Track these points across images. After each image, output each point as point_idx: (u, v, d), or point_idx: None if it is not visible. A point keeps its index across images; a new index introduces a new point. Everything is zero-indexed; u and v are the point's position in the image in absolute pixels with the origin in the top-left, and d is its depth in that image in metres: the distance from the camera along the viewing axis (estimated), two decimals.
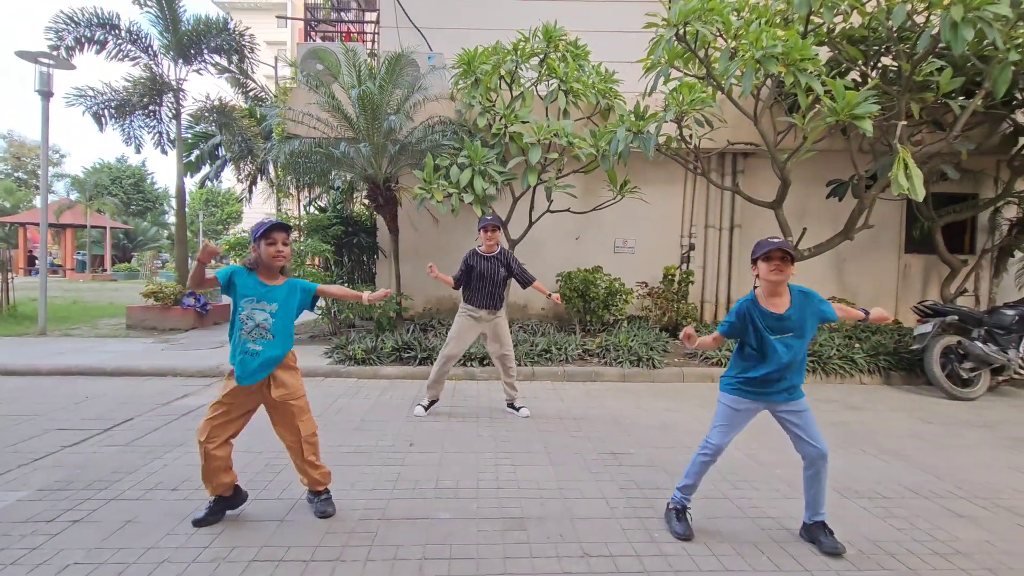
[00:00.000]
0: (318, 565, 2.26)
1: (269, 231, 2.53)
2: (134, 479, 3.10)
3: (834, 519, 2.80)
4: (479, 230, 4.40)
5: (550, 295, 4.42)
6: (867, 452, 3.91)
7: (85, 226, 25.93)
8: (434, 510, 2.80)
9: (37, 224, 27.16)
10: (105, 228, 27.53)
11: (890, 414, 5.01)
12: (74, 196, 27.36)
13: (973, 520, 2.87)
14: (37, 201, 39.03)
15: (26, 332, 8.04)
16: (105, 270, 26.98)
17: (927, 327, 5.95)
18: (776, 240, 2.34)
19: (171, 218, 39.43)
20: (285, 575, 2.20)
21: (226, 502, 2.64)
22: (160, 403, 4.73)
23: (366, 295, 2.79)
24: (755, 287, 2.47)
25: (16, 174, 41.17)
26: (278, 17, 20.22)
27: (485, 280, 4.35)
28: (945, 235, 7.73)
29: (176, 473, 3.18)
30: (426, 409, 4.51)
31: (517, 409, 4.59)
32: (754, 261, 2.40)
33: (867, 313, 2.48)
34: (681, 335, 2.47)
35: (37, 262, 26.76)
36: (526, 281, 4.52)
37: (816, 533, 2.50)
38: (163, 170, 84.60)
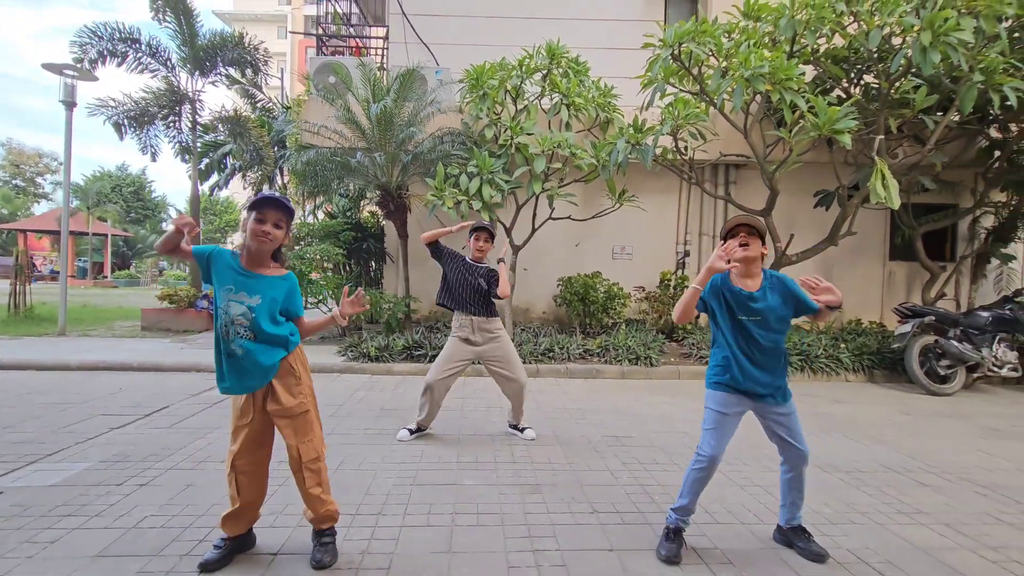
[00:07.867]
0: (363, 518, 2.59)
1: (261, 204, 2.05)
2: (184, 454, 3.42)
3: (813, 488, 3.14)
4: (471, 235, 3.83)
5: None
6: (848, 437, 4.27)
7: (87, 233, 26.16)
8: (459, 479, 3.13)
9: (38, 231, 27.56)
10: (106, 235, 27.82)
11: (872, 407, 5.38)
12: (75, 203, 27.61)
13: (937, 489, 3.23)
14: (35, 208, 39.34)
15: (46, 332, 8.32)
16: (106, 276, 27.22)
17: (907, 327, 6.34)
18: (742, 215, 2.27)
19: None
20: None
21: (237, 543, 2.22)
22: (190, 394, 5.04)
23: (336, 312, 2.28)
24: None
25: (14, 181, 41.44)
26: (291, 33, 20.67)
27: (465, 287, 3.80)
28: (928, 243, 8.17)
29: (221, 451, 3.46)
30: (411, 433, 3.82)
31: (521, 430, 4.01)
32: (724, 239, 2.32)
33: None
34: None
35: (36, 267, 27.17)
36: (492, 293, 3.81)
37: (794, 538, 2.43)
38: (162, 178, 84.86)
